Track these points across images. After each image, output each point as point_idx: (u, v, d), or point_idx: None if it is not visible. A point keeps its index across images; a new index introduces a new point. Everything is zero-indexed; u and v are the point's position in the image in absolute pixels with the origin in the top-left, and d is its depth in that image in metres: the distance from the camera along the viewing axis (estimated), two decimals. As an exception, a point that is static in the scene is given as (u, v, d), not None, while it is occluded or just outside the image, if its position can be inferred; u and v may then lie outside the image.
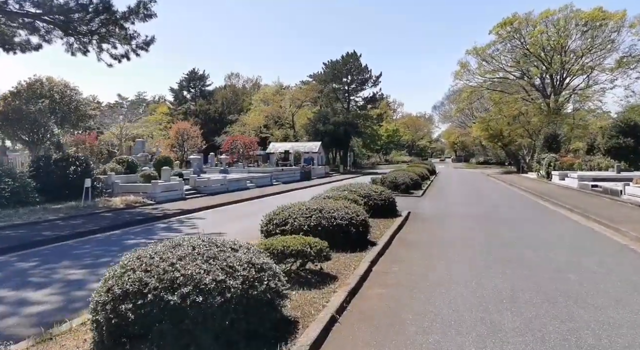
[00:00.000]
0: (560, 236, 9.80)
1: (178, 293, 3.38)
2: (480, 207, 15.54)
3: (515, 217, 13.09)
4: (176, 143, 31.01)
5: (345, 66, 57.85)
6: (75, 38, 16.97)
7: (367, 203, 11.36)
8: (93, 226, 11.08)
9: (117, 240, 9.80)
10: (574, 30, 40.77)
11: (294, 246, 5.61)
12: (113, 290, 3.49)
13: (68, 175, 15.86)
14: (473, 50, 45.19)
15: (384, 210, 11.92)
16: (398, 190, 19.85)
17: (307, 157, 41.97)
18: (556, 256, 7.69)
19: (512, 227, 10.94)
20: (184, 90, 79.33)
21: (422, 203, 16.80)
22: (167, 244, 4.10)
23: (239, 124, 53.90)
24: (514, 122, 45.28)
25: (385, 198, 12.14)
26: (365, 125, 58.48)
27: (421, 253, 8.00)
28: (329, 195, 10.52)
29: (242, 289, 3.62)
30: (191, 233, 10.43)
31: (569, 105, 43.61)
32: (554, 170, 27.84)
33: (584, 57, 40.01)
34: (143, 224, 11.94)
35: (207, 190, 20.41)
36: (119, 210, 14.15)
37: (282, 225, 7.77)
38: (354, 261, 6.88)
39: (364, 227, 8.21)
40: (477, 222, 11.86)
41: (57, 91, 18.41)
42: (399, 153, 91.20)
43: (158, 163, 20.58)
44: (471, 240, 9.26)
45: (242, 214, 14.32)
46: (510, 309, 4.98)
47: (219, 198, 18.85)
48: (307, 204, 8.24)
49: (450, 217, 12.88)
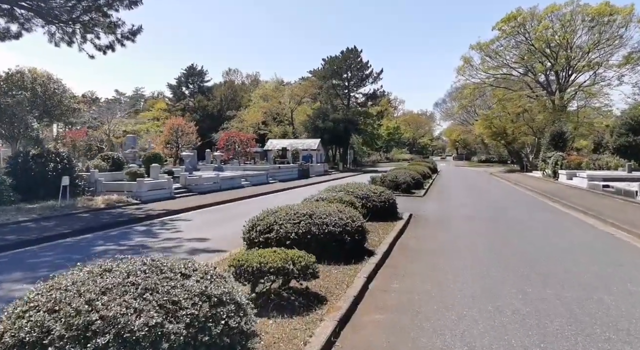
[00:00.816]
0: (580, 244, 8.81)
1: (91, 345, 2.40)
2: (486, 209, 14.55)
3: (525, 220, 12.10)
4: (170, 139, 29.98)
5: (345, 62, 56.67)
6: (57, 26, 15.97)
7: (365, 205, 10.38)
8: (65, 229, 10.11)
9: (87, 245, 8.82)
10: (580, 26, 39.62)
11: (273, 263, 4.63)
12: (3, 339, 2.52)
13: (47, 172, 14.87)
14: (477, 46, 44.06)
15: (384, 213, 10.94)
16: (399, 189, 18.85)
17: (306, 154, 40.95)
18: (580, 269, 6.71)
19: (524, 233, 9.96)
20: (182, 86, 78.18)
21: (424, 204, 15.82)
22: (94, 270, 3.10)
23: (236, 121, 52.82)
24: (518, 120, 44.20)
25: (385, 199, 11.15)
26: (366, 122, 57.39)
27: (425, 264, 7.02)
28: (323, 196, 9.53)
29: (187, 335, 2.65)
30: (171, 238, 9.48)
31: (575, 103, 42.49)
32: (561, 169, 26.83)
33: (590, 52, 38.85)
34: (121, 227, 10.97)
35: (198, 188, 19.43)
36: (99, 211, 13.18)
37: (266, 232, 6.79)
38: (348, 276, 5.90)
39: (361, 234, 7.22)
40: (485, 226, 10.88)
41: (39, 83, 17.39)
42: (400, 151, 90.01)
43: (147, 160, 19.60)
44: (480, 248, 8.28)
45: (232, 215, 13.34)
46: (539, 345, 4.00)
47: (211, 197, 17.88)
48: (296, 208, 7.26)
49: (455, 220, 11.90)
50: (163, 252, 7.99)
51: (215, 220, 12.46)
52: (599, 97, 41.56)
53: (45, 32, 16.19)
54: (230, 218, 12.69)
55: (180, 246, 8.45)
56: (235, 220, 11.57)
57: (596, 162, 27.21)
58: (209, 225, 11.44)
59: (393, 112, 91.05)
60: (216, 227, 10.96)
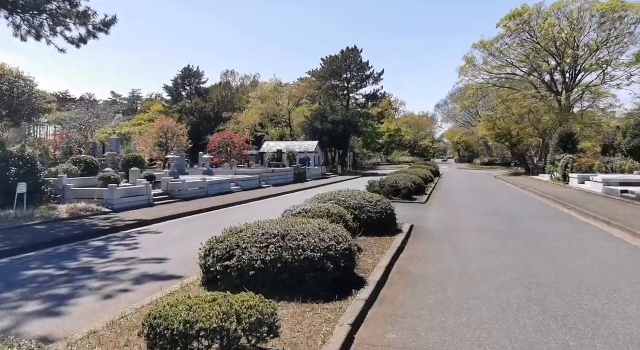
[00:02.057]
0: (616, 268, 7.23)
1: None
2: (497, 218, 12.99)
3: (544, 233, 10.53)
4: (160, 141, 28.42)
5: (345, 62, 55.15)
6: (21, 17, 14.50)
7: (358, 217, 8.87)
8: (5, 246, 8.58)
9: (19, 267, 7.25)
10: (588, 23, 38.08)
11: (207, 321, 3.10)
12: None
13: (8, 177, 13.37)
14: (480, 44, 42.53)
15: (381, 226, 9.42)
16: (399, 195, 17.33)
17: (303, 156, 39.39)
18: (633, 309, 5.15)
19: (547, 251, 8.39)
20: (178, 87, 76.86)
21: (427, 212, 14.28)
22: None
23: (232, 122, 51.31)
24: (522, 121, 42.64)
25: (382, 209, 9.61)
26: (366, 123, 55.85)
27: (431, 299, 5.47)
28: (307, 208, 7.99)
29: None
30: (124, 258, 7.93)
31: (584, 103, 40.85)
32: (571, 172, 25.25)
33: (598, 51, 37.28)
34: (75, 242, 9.43)
35: (182, 194, 17.91)
36: (59, 221, 11.64)
37: (225, 258, 5.28)
38: (327, 322, 4.37)
39: (348, 259, 5.67)
40: (499, 241, 9.33)
41: (6, 80, 15.91)
42: (401, 153, 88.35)
43: (126, 163, 18.10)
44: (498, 272, 6.72)
45: (211, 225, 11.82)
46: None
47: (193, 204, 16.38)
48: (267, 226, 5.73)
49: (463, 233, 10.35)
50: (104, 278, 6.46)
51: (189, 232, 10.93)
52: (605, 97, 39.94)
53: (10, 24, 14.75)
54: (207, 229, 11.13)
55: (129, 270, 6.90)
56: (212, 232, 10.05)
57: (608, 165, 25.63)
58: (178, 239, 9.91)
59: (394, 113, 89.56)
60: (187, 242, 9.42)
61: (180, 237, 10.28)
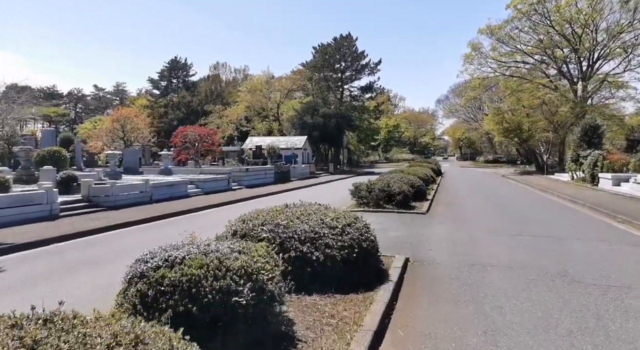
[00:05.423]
0: None
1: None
2: (536, 242, 8.76)
3: (619, 268, 6.35)
4: (115, 135, 24.26)
5: (339, 51, 50.86)
6: None
7: (306, 262, 4.74)
8: None
9: None
10: (609, 4, 33.78)
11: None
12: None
13: None
14: (486, 29, 38.18)
15: (350, 272, 5.28)
16: (392, 203, 13.21)
17: (289, 153, 35.20)
18: None
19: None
20: (164, 80, 72.63)
21: (429, 230, 10.11)
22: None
23: (215, 116, 47.06)
24: (535, 114, 38.41)
25: (353, 242, 5.45)
26: (361, 118, 51.64)
27: None
28: (179, 256, 3.80)
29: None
30: None
31: (602, 93, 36.59)
32: (602, 171, 21.07)
33: (623, 33, 32.96)
34: None
35: (110, 201, 13.76)
36: None
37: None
38: None
39: None
40: (555, 295, 5.15)
41: None
42: (400, 150, 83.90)
43: (40, 160, 14.08)
44: None
45: (116, 254, 7.73)
46: None
47: (120, 215, 12.31)
48: None
49: (493, 277, 6.18)
50: None
51: (52, 270, 6.78)
52: (626, 89, 35.61)
53: None
54: (88, 264, 6.98)
55: None
56: (102, 268, 5.77)
57: (645, 163, 21.41)
58: (33, 284, 5.76)
59: (393, 109, 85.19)
60: (39, 289, 5.27)
61: (41, 278, 6.11)
